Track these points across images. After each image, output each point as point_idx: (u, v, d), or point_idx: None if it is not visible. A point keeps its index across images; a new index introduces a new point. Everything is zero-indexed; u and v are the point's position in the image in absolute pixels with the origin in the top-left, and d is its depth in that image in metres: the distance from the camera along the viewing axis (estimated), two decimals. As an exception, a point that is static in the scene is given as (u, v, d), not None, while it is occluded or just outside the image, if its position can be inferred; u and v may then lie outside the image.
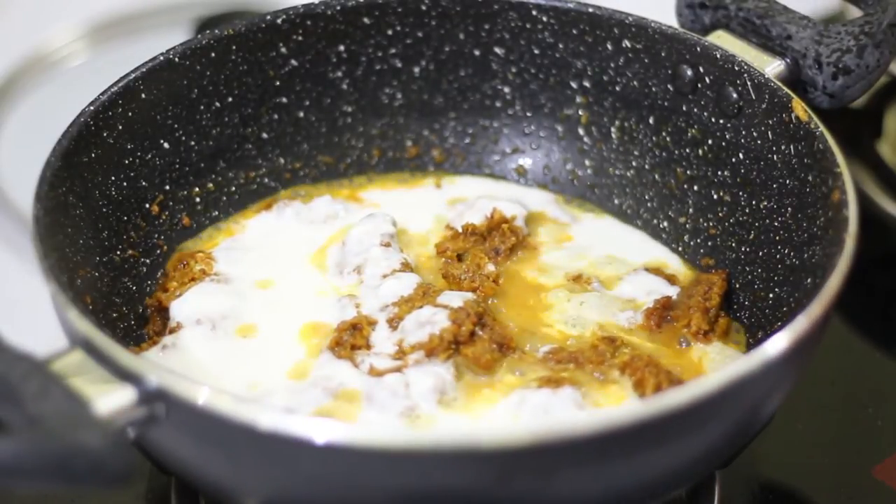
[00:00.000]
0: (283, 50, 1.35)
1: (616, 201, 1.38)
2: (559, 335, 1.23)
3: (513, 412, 1.14)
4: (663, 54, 1.32)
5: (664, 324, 1.24)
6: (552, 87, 1.39)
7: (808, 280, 1.18)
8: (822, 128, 1.20)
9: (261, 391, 1.16)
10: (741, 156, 1.29)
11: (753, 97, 1.27)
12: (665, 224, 1.35)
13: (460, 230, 1.31)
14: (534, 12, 1.36)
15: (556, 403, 1.13)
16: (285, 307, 1.24)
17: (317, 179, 1.39)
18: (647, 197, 1.37)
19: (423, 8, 1.37)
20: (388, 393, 1.14)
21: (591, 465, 1.01)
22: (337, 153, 1.40)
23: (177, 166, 1.32)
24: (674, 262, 1.32)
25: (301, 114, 1.38)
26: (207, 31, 1.32)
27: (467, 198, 1.37)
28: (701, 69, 1.30)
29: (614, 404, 1.15)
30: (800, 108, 1.22)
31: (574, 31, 1.35)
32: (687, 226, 1.34)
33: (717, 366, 1.21)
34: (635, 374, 1.17)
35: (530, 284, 1.28)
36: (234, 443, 1.01)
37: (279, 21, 1.34)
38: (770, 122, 1.25)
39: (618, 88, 1.36)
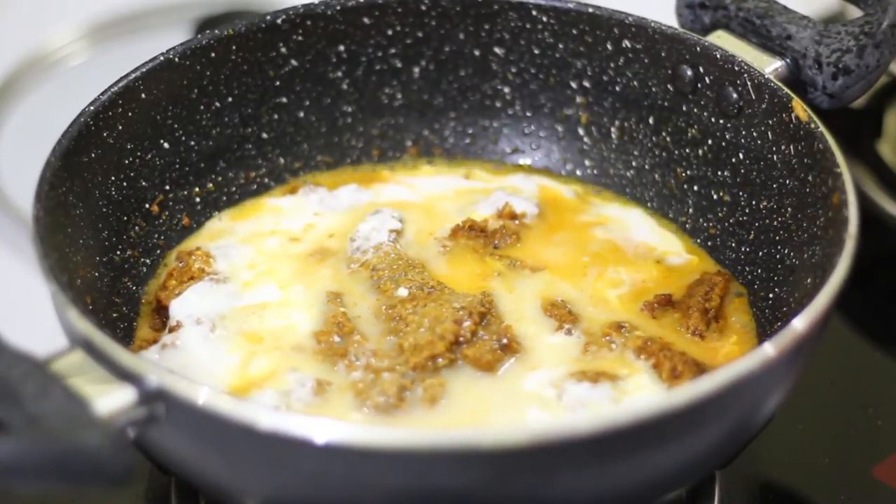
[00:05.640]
0: (283, 50, 1.35)
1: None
2: (564, 315, 1.22)
3: (553, 404, 1.14)
4: (663, 54, 1.32)
5: (660, 320, 1.24)
6: (552, 87, 1.39)
7: (808, 280, 1.18)
8: (822, 128, 1.20)
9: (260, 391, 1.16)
10: (741, 156, 1.29)
11: (753, 97, 1.27)
12: (665, 224, 1.35)
13: (460, 224, 1.31)
14: (534, 12, 1.36)
15: (595, 397, 1.13)
16: (286, 305, 1.24)
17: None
18: (646, 197, 1.37)
19: (423, 8, 1.37)
20: (379, 392, 1.14)
21: (590, 465, 1.01)
22: (337, 153, 1.40)
23: (177, 166, 1.32)
24: (675, 260, 1.32)
25: (301, 114, 1.38)
26: (207, 31, 1.32)
27: (489, 190, 1.36)
28: (701, 69, 1.30)
29: (642, 395, 1.15)
30: (800, 108, 1.22)
31: (574, 31, 1.35)
32: (687, 226, 1.34)
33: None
34: (651, 359, 1.17)
35: (532, 277, 1.27)
36: (234, 443, 1.01)
37: (279, 21, 1.34)
38: (770, 122, 1.25)
39: (618, 88, 1.36)
